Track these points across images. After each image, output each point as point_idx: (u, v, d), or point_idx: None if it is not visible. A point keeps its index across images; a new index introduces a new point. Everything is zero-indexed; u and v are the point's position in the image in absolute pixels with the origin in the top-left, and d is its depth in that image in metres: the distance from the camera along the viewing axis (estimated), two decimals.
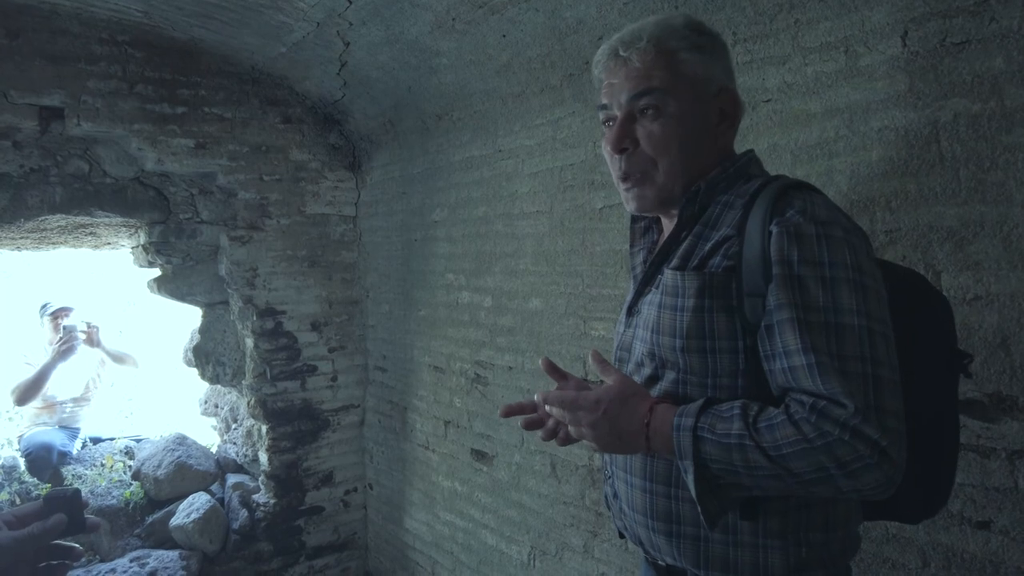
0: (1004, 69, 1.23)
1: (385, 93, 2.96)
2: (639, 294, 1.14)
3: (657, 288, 1.07)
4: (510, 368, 2.52)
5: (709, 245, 1.02)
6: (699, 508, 0.92)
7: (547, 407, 1.02)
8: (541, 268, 2.37)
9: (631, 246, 1.26)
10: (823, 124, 1.51)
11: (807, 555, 0.96)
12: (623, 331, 1.17)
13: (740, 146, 1.16)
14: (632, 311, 1.15)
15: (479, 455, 2.70)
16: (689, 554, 1.01)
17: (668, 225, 1.15)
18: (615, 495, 1.15)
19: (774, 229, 0.93)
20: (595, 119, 2.14)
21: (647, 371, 1.07)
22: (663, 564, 1.08)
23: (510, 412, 1.16)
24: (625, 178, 1.09)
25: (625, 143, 1.06)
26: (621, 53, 1.06)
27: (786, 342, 0.90)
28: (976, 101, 1.27)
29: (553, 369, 1.15)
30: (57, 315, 4.01)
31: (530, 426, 1.14)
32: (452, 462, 2.87)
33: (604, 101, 1.10)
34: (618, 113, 1.07)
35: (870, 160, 1.43)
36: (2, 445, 3.98)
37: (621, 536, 1.18)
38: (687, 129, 1.04)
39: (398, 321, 3.27)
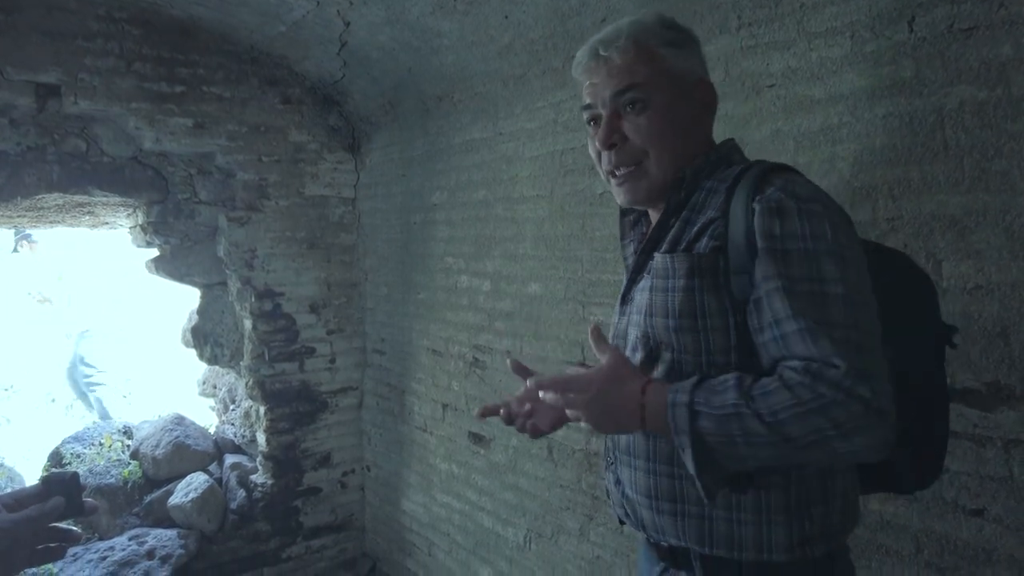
0: (1012, 56, 1.22)
1: (385, 74, 2.93)
2: (632, 283, 1.16)
3: (648, 274, 1.10)
4: (508, 352, 2.52)
5: (696, 228, 1.04)
6: (698, 484, 0.93)
7: (540, 392, 1.03)
8: (541, 253, 2.37)
9: (621, 239, 1.29)
10: (827, 110, 1.50)
11: (809, 528, 0.98)
12: (618, 320, 1.19)
13: (744, 132, 1.16)
14: (625, 300, 1.17)
15: (476, 438, 2.71)
16: (693, 533, 1.02)
17: (656, 217, 1.18)
18: (617, 481, 1.16)
19: (757, 206, 0.96)
20: None
21: (640, 355, 1.09)
22: (665, 545, 1.09)
23: (486, 413, 1.26)
24: (615, 172, 1.12)
25: (614, 138, 1.09)
26: (601, 52, 1.09)
27: (775, 311, 0.92)
28: (983, 88, 1.26)
29: (520, 369, 1.21)
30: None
31: (507, 420, 1.24)
32: (450, 445, 2.89)
33: (588, 101, 1.13)
34: (603, 111, 1.10)
35: (873, 147, 1.42)
36: None
37: (621, 523, 1.20)
38: (673, 121, 1.08)
39: (397, 304, 3.27)
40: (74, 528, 1.01)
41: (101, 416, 5.03)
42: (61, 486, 0.98)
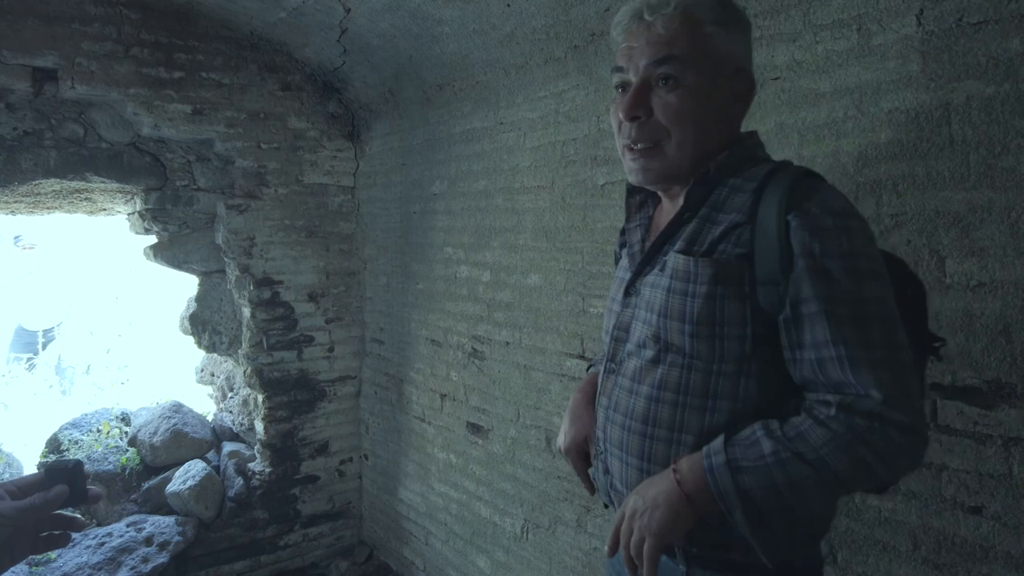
0: (1021, 51, 1.20)
1: (386, 61, 2.90)
2: (638, 274, 1.13)
3: (662, 270, 1.06)
4: (507, 343, 2.52)
5: (719, 230, 1.01)
6: (758, 547, 0.92)
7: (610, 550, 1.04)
8: (541, 244, 2.36)
9: (627, 221, 1.23)
10: (832, 104, 1.49)
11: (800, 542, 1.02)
12: (620, 310, 1.16)
13: (747, 125, 1.14)
14: (630, 291, 1.14)
15: (474, 428, 2.71)
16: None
17: (667, 203, 1.14)
18: (605, 471, 1.16)
19: (793, 221, 0.94)
20: (600, 92, 2.11)
21: (649, 353, 1.06)
22: None
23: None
24: (632, 147, 1.06)
25: (638, 111, 1.03)
26: (646, 16, 1.03)
27: (815, 335, 0.92)
28: (990, 84, 1.24)
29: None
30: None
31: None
32: (448, 435, 2.89)
33: (620, 64, 1.06)
34: (633, 78, 1.04)
35: (878, 142, 1.41)
36: None
37: (605, 506, 1.21)
38: (703, 104, 1.02)
39: (396, 294, 3.26)
40: (78, 516, 1.01)
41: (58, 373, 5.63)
42: (64, 474, 0.98)
